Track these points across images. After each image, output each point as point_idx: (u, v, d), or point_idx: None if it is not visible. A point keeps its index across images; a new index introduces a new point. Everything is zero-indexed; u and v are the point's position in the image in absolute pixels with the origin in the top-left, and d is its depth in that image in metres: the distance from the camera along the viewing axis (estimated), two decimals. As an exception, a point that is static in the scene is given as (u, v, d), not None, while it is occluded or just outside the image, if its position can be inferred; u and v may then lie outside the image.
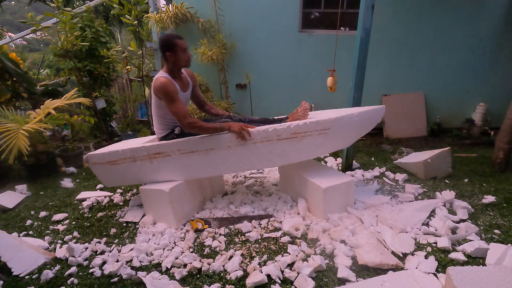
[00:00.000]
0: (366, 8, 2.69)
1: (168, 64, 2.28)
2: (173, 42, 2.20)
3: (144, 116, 6.27)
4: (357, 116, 2.29)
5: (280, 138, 2.25)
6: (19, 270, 1.83)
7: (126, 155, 2.37)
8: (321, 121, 2.21)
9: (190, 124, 2.20)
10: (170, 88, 2.17)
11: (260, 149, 2.29)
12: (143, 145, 2.36)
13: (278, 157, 2.33)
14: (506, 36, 4.48)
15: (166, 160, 2.34)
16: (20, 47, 16.63)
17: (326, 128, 2.22)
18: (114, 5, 3.60)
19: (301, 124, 2.23)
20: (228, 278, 1.72)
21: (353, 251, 1.90)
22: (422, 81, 4.70)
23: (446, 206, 2.42)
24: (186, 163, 2.34)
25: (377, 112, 2.42)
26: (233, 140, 2.27)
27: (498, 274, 1.43)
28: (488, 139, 4.40)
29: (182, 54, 2.24)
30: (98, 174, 2.55)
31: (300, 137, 2.25)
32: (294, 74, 4.78)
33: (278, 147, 2.28)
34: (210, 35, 4.45)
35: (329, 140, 2.28)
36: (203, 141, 2.29)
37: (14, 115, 3.08)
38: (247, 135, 2.23)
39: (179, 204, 2.30)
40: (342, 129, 2.28)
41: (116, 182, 2.61)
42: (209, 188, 2.70)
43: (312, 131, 2.23)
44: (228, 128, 2.25)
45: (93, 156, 2.46)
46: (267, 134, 2.25)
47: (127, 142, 2.89)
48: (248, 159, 2.33)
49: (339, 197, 2.27)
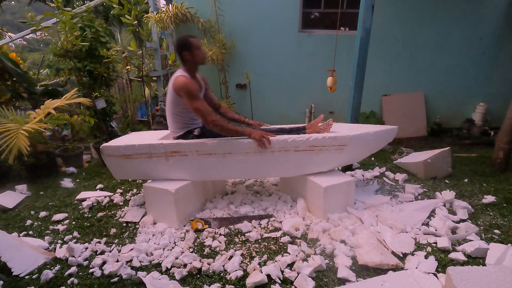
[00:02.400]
0: (366, 8, 2.69)
1: (186, 64, 2.32)
2: (187, 41, 2.26)
3: (144, 116, 6.27)
4: (373, 135, 2.42)
5: (298, 149, 2.31)
6: (19, 270, 1.83)
7: (143, 151, 2.35)
8: (339, 137, 2.30)
9: (213, 122, 2.22)
10: (193, 86, 2.21)
11: (277, 158, 2.34)
12: (161, 142, 2.35)
13: (293, 168, 2.39)
14: (506, 36, 4.48)
15: (182, 159, 2.34)
16: (20, 47, 16.61)
17: (344, 144, 2.30)
18: (114, 5, 3.59)
19: (320, 138, 2.30)
20: (228, 278, 1.72)
21: (353, 251, 1.90)
22: (422, 81, 4.71)
23: (446, 206, 2.42)
24: (202, 164, 2.35)
25: (391, 132, 2.56)
26: (252, 147, 2.29)
27: (498, 274, 1.43)
28: (488, 139, 4.39)
29: (197, 52, 2.29)
30: (110, 166, 2.53)
31: (317, 150, 2.32)
32: (294, 74, 4.78)
33: (294, 158, 2.34)
34: (210, 35, 4.45)
35: (344, 155, 2.37)
36: (222, 145, 2.30)
37: (14, 115, 3.08)
38: (267, 143, 2.26)
39: (183, 205, 2.30)
40: (358, 146, 2.39)
41: (127, 176, 2.63)
42: (212, 189, 2.71)
43: (330, 146, 2.31)
44: (249, 134, 2.27)
45: (108, 148, 2.42)
46: (286, 144, 2.30)
47: (139, 134, 2.87)
48: (264, 166, 2.38)
49: (339, 196, 2.27)
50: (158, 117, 4.56)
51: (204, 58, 2.35)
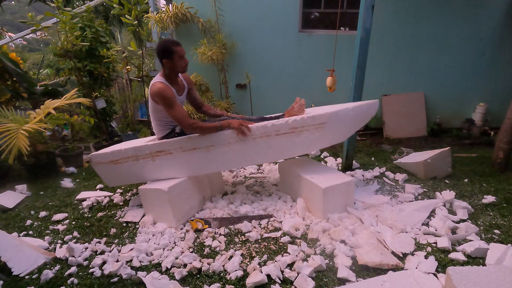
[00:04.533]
0: (366, 8, 2.69)
1: (165, 70, 2.30)
2: (170, 49, 2.21)
3: (144, 116, 6.27)
4: (352, 110, 2.37)
5: (279, 133, 2.32)
6: (19, 270, 1.83)
7: (129, 154, 2.42)
8: (318, 116, 2.28)
9: (191, 126, 2.25)
10: (167, 93, 2.20)
11: (260, 144, 2.35)
12: (145, 143, 2.41)
13: (277, 152, 2.39)
14: (506, 36, 4.48)
15: (168, 157, 2.39)
16: (20, 47, 16.63)
17: (323, 122, 2.29)
18: (114, 5, 3.59)
19: (299, 119, 2.30)
20: (228, 278, 1.72)
21: (353, 251, 1.90)
22: (422, 81, 4.70)
23: (446, 206, 2.42)
24: (188, 160, 2.39)
25: (371, 106, 2.50)
26: (233, 137, 2.32)
27: (498, 274, 1.43)
28: (488, 139, 4.39)
29: (179, 61, 2.25)
30: (101, 174, 2.57)
31: (298, 131, 2.32)
32: (294, 74, 4.78)
33: (277, 142, 2.34)
34: (210, 35, 4.45)
35: (326, 134, 2.34)
36: (204, 138, 2.35)
37: (14, 115, 3.08)
38: (247, 130, 2.28)
39: (178, 203, 2.30)
40: (338, 123, 2.36)
41: (119, 181, 2.65)
42: (209, 187, 2.70)
43: (310, 126, 2.30)
44: (227, 125, 2.30)
45: (96, 156, 2.49)
46: (266, 130, 2.31)
47: (128, 143, 2.91)
48: (248, 154, 2.39)
49: (339, 197, 2.27)
50: (158, 117, 4.54)
51: (185, 67, 2.32)
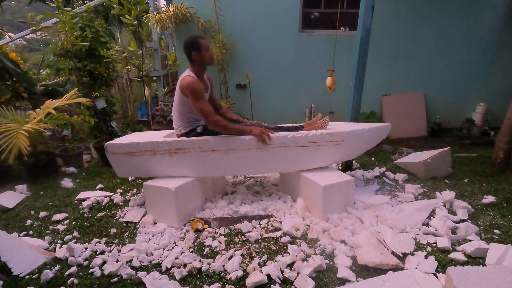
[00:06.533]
0: (366, 8, 2.69)
1: (194, 64, 2.37)
2: (197, 42, 2.30)
3: (144, 116, 6.28)
4: (368, 131, 2.55)
5: (297, 145, 2.41)
6: (19, 270, 1.83)
7: (147, 148, 2.42)
8: (336, 133, 2.42)
9: (214, 122, 2.30)
10: (198, 86, 2.26)
11: (278, 153, 2.42)
12: (164, 139, 2.42)
13: (293, 163, 2.47)
14: (506, 36, 4.48)
15: (186, 156, 2.41)
16: (20, 47, 16.60)
17: (341, 140, 2.43)
18: (114, 5, 3.59)
19: (318, 134, 2.42)
20: (228, 278, 1.72)
21: (353, 251, 1.90)
22: (422, 81, 4.70)
23: (446, 206, 2.42)
24: (205, 160, 2.42)
25: (384, 129, 2.68)
26: (253, 143, 2.38)
27: (498, 274, 1.43)
28: (488, 139, 4.40)
29: (206, 53, 2.33)
30: (114, 164, 2.57)
31: (315, 146, 2.43)
32: (294, 74, 4.78)
33: (294, 153, 2.43)
34: (210, 35, 4.45)
35: (341, 151, 2.48)
36: (224, 141, 2.38)
37: (14, 115, 3.08)
38: (268, 139, 2.34)
39: (183, 204, 2.31)
40: (354, 141, 2.50)
41: (131, 173, 2.69)
42: (211, 189, 2.71)
43: (327, 142, 2.43)
44: (249, 131, 2.36)
45: (112, 146, 2.48)
46: (286, 141, 2.40)
47: (139, 135, 2.91)
48: (265, 162, 2.46)
49: (339, 196, 2.27)
50: (158, 117, 4.56)
51: (212, 59, 2.42)
